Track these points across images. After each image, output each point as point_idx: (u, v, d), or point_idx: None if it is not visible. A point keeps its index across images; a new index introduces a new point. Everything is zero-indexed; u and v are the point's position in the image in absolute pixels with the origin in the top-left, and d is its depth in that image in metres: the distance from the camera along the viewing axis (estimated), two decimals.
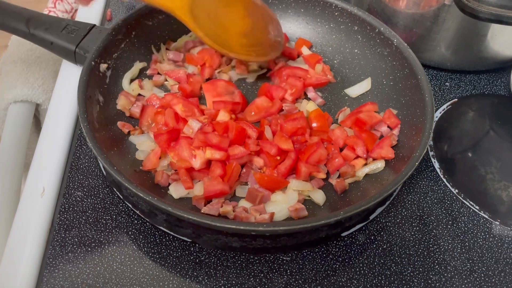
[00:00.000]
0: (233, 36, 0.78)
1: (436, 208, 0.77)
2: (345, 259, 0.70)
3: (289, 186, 0.73)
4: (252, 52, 0.80)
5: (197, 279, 0.67)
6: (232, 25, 0.77)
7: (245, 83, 0.89)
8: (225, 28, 0.77)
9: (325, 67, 0.90)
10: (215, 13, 0.74)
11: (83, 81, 0.74)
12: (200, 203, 0.70)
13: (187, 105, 0.79)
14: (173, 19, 0.90)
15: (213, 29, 0.75)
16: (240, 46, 0.79)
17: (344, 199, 0.73)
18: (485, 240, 0.74)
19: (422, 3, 0.86)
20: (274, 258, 0.69)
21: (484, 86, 0.95)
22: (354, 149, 0.77)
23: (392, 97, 0.84)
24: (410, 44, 0.84)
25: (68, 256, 0.67)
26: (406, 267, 0.70)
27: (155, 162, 0.73)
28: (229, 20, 0.76)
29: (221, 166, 0.71)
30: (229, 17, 0.76)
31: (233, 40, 0.79)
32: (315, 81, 0.88)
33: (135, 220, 0.72)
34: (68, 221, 0.71)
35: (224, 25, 0.77)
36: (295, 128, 0.76)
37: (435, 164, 0.82)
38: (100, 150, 0.67)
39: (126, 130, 0.78)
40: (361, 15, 0.88)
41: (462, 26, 0.87)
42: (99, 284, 0.65)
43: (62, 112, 0.83)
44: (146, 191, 0.63)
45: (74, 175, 0.76)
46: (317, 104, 0.85)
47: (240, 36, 0.78)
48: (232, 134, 0.73)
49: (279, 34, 0.82)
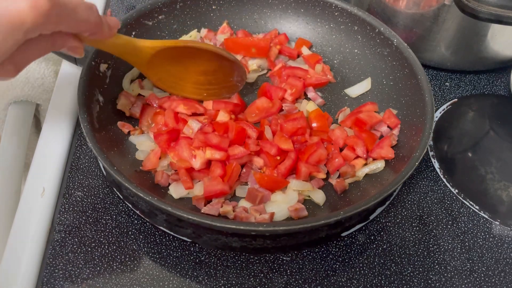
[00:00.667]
0: (190, 77, 0.79)
1: (436, 208, 0.77)
2: (345, 259, 0.70)
3: (289, 186, 0.73)
4: (204, 91, 0.80)
5: (197, 279, 0.67)
6: (190, 72, 0.78)
7: (245, 83, 0.89)
8: (181, 77, 0.78)
9: (325, 67, 0.90)
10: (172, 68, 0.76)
11: (83, 81, 0.74)
12: (200, 203, 0.70)
13: (188, 103, 0.79)
14: (173, 20, 0.90)
15: (167, 77, 0.77)
16: (195, 83, 0.79)
17: (344, 199, 0.73)
18: (485, 240, 0.74)
19: (422, 3, 0.86)
20: (274, 258, 0.69)
21: (484, 86, 0.95)
22: (354, 149, 0.77)
23: (392, 97, 0.84)
24: (410, 44, 0.84)
25: (68, 256, 0.67)
26: (406, 267, 0.70)
27: (155, 162, 0.73)
28: (185, 69, 0.77)
29: (221, 166, 0.71)
30: (187, 66, 0.77)
31: (188, 81, 0.79)
32: (315, 81, 0.88)
33: (135, 220, 0.72)
34: (68, 221, 0.71)
35: (180, 75, 0.78)
36: (295, 128, 0.76)
37: (435, 164, 0.82)
38: (100, 150, 0.67)
39: (126, 130, 0.78)
40: (361, 15, 0.88)
41: (462, 26, 0.87)
42: (99, 284, 0.65)
43: (62, 112, 0.83)
44: (146, 191, 0.63)
45: (74, 175, 0.76)
46: (317, 104, 0.85)
47: (198, 74, 0.78)
48: (232, 134, 0.73)
49: (241, 80, 0.82)
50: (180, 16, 0.91)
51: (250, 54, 0.90)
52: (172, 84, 0.78)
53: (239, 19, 0.95)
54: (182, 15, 0.91)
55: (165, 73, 0.76)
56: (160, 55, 0.72)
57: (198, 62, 0.77)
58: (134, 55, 0.70)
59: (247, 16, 0.95)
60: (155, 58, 0.72)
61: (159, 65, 0.74)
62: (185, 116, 0.78)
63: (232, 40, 0.90)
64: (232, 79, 0.81)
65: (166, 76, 0.76)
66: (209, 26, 0.93)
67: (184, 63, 0.76)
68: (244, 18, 0.95)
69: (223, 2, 0.93)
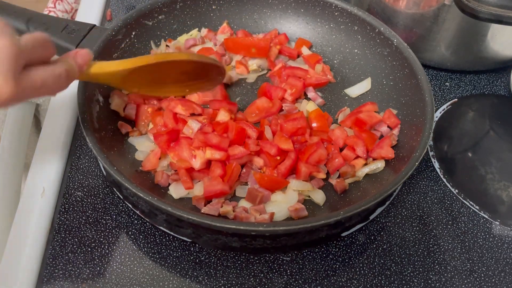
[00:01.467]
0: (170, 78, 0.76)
1: (436, 208, 0.77)
2: (345, 259, 0.70)
3: (289, 186, 0.73)
4: (186, 88, 0.79)
5: (197, 279, 0.67)
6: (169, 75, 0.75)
7: (245, 83, 0.89)
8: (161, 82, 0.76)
9: (325, 67, 0.90)
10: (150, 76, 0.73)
11: (83, 81, 0.74)
12: (200, 203, 0.70)
13: (185, 103, 0.79)
14: (173, 20, 0.90)
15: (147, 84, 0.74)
16: (176, 82, 0.77)
17: (344, 199, 0.73)
18: (485, 240, 0.74)
19: (422, 3, 0.86)
20: (274, 258, 0.69)
21: (484, 86, 0.95)
22: (354, 149, 0.77)
23: (392, 97, 0.84)
24: (410, 44, 0.84)
25: (68, 256, 0.67)
26: (406, 267, 0.70)
27: (154, 163, 0.73)
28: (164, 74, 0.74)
29: (221, 166, 0.71)
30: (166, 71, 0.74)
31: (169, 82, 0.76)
32: (315, 81, 0.88)
33: (135, 220, 0.72)
34: (68, 221, 0.71)
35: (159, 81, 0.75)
36: (295, 128, 0.76)
37: (435, 164, 0.82)
38: (100, 150, 0.67)
39: (124, 131, 0.78)
40: (361, 15, 0.88)
41: (462, 26, 0.87)
42: (99, 284, 0.65)
43: (62, 112, 0.83)
44: (146, 191, 0.63)
45: (74, 175, 0.76)
46: (317, 104, 0.85)
47: (178, 74, 0.75)
48: (232, 134, 0.73)
49: (221, 74, 0.79)
50: (180, 16, 0.91)
51: (250, 54, 0.90)
52: (152, 89, 0.76)
53: (239, 19, 0.95)
54: (182, 15, 0.91)
55: (143, 84, 0.73)
56: (135, 72, 0.69)
57: (175, 66, 0.74)
58: (107, 79, 0.68)
59: (247, 16, 0.95)
60: (130, 76, 0.69)
61: (135, 79, 0.71)
62: (184, 116, 0.78)
63: (232, 40, 0.90)
64: (212, 74, 0.79)
65: (145, 83, 0.74)
66: (209, 26, 0.94)
67: (161, 71, 0.73)
68: (244, 18, 0.95)
69: (223, 2, 0.93)
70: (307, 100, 0.85)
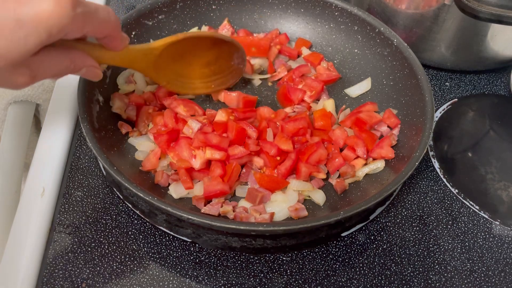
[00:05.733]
0: (196, 72, 0.81)
1: (436, 208, 0.77)
2: (345, 259, 0.70)
3: (289, 186, 0.73)
4: (211, 83, 0.83)
5: (197, 279, 0.67)
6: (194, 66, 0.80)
7: (250, 85, 0.88)
8: (187, 74, 0.81)
9: (329, 64, 0.90)
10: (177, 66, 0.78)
11: (83, 81, 0.74)
12: (200, 203, 0.70)
13: (187, 104, 0.79)
14: (173, 19, 0.90)
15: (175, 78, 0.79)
16: (201, 77, 0.82)
17: (344, 199, 0.73)
18: (485, 240, 0.74)
19: (422, 3, 0.86)
20: (274, 258, 0.69)
21: (484, 86, 0.95)
22: (354, 149, 0.77)
23: (392, 97, 0.84)
24: (410, 44, 0.84)
25: (68, 256, 0.67)
26: (406, 267, 0.70)
27: (154, 163, 0.73)
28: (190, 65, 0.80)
29: (221, 166, 0.71)
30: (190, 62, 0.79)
31: (195, 77, 0.81)
32: (327, 78, 0.88)
33: (135, 220, 0.72)
34: (68, 221, 0.71)
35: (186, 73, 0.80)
36: (296, 128, 0.76)
37: (435, 164, 0.82)
38: (100, 150, 0.67)
39: (124, 131, 0.78)
40: (361, 15, 0.88)
41: (462, 26, 0.87)
42: (99, 284, 0.65)
43: (62, 112, 0.83)
44: (146, 191, 0.63)
45: (74, 175, 0.76)
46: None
47: (202, 66, 0.81)
48: (232, 134, 0.73)
49: (242, 61, 0.83)
50: (180, 16, 0.91)
51: (250, 53, 0.90)
52: (181, 84, 0.80)
53: (239, 18, 0.95)
54: (182, 15, 0.91)
55: (172, 73, 0.77)
56: (164, 55, 0.73)
57: (199, 54, 0.78)
58: (142, 60, 0.71)
59: (247, 16, 0.95)
60: (160, 59, 0.73)
61: (165, 66, 0.75)
62: (185, 116, 0.78)
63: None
64: (233, 63, 0.83)
65: (174, 76, 0.78)
66: (209, 26, 0.93)
67: (186, 59, 0.78)
68: (244, 18, 0.95)
69: (223, 1, 0.93)
70: (326, 98, 0.85)
